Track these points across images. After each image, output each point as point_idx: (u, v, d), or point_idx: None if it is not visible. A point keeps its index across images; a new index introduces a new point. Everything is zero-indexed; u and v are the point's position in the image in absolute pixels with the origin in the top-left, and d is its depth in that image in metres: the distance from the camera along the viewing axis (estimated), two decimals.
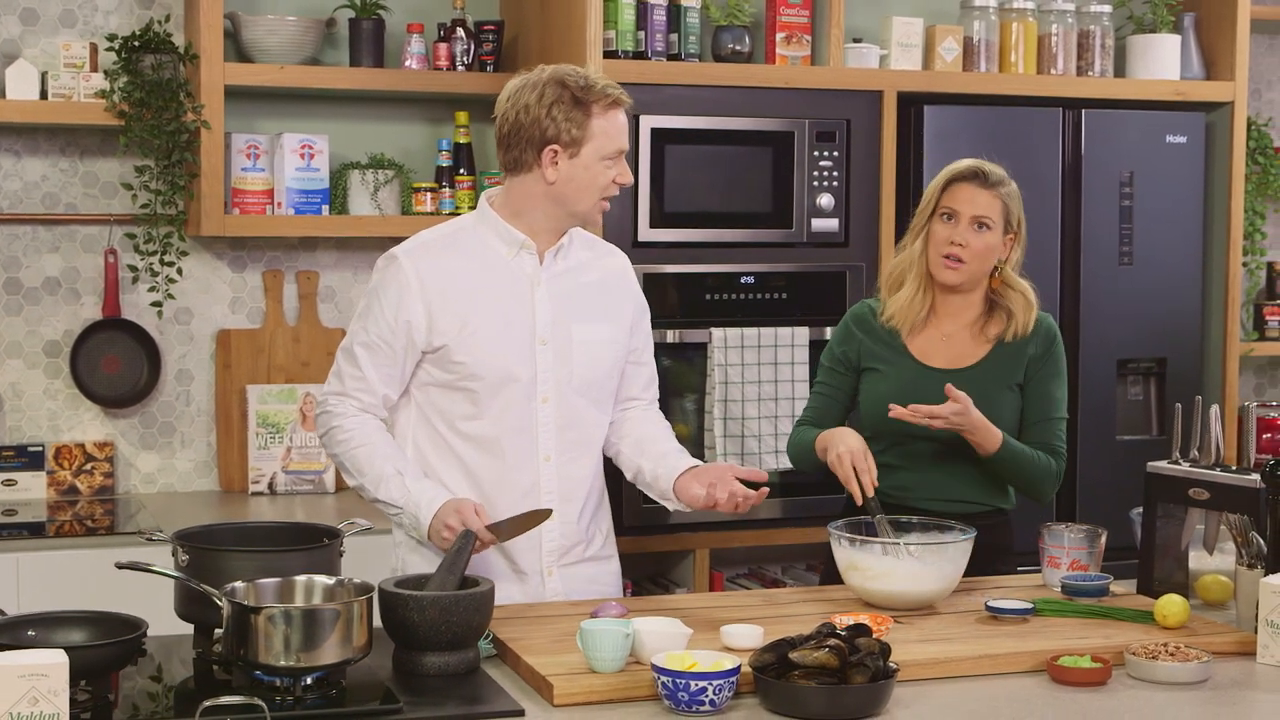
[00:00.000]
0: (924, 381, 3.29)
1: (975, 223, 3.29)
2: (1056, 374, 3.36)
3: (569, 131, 2.97)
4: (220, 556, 2.62)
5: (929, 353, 3.35)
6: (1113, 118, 4.64)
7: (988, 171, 3.34)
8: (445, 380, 3.06)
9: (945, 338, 3.36)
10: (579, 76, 3.00)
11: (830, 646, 2.40)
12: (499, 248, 3.08)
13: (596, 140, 2.99)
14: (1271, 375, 5.52)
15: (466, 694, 2.49)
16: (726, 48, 4.42)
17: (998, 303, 3.37)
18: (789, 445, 3.44)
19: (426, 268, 3.05)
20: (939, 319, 3.37)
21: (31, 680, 2.12)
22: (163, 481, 4.51)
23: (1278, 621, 2.69)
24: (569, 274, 3.12)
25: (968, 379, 3.29)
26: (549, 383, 3.07)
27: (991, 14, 4.64)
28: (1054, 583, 3.14)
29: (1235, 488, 2.95)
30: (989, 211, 3.30)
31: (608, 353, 3.14)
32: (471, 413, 3.06)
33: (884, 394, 3.30)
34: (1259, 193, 5.08)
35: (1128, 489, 4.44)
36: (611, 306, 3.16)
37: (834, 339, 3.46)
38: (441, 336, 3.02)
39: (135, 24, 4.38)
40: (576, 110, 2.97)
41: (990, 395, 3.28)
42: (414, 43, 4.44)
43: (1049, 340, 3.37)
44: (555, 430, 3.09)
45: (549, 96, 2.98)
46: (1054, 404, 3.35)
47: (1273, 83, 5.50)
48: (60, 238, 4.41)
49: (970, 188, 3.31)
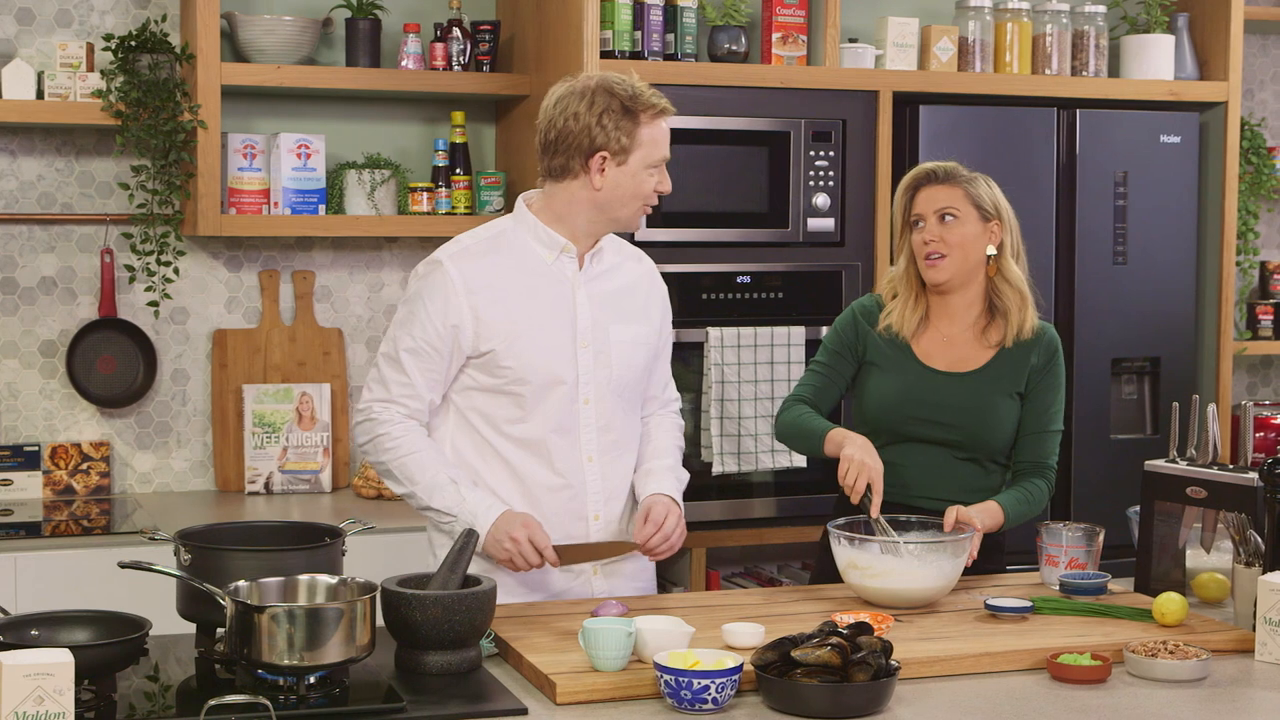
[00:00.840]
0: (927, 383, 3.30)
1: (940, 216, 3.29)
2: (1056, 386, 3.36)
3: (618, 140, 2.99)
4: (223, 556, 2.62)
5: (932, 354, 3.35)
6: (1107, 118, 4.65)
7: (937, 169, 3.34)
8: (490, 384, 3.07)
9: (946, 340, 3.36)
10: (626, 85, 3.01)
11: (832, 645, 2.41)
12: (540, 251, 3.10)
13: (644, 149, 3.01)
14: (1264, 374, 5.54)
15: (469, 693, 2.50)
16: (723, 48, 4.43)
17: (995, 303, 3.37)
18: (781, 419, 3.39)
19: (471, 272, 3.05)
20: (938, 321, 3.37)
21: (37, 680, 2.13)
22: (159, 481, 4.51)
23: (1276, 619, 2.70)
24: (604, 277, 3.14)
25: (971, 383, 3.30)
26: (590, 384, 3.09)
27: (986, 14, 4.66)
28: (1052, 581, 3.15)
29: (1233, 486, 2.96)
30: (949, 202, 3.29)
31: (641, 354, 3.17)
32: (517, 416, 3.07)
33: (887, 393, 3.31)
34: (1252, 192, 5.10)
35: (1122, 487, 4.48)
36: (642, 308, 3.19)
37: (840, 325, 3.44)
38: (489, 341, 3.04)
39: (131, 24, 4.38)
40: (626, 119, 2.99)
41: (992, 401, 3.29)
42: (410, 43, 4.44)
43: (1051, 352, 3.36)
44: (596, 431, 3.11)
45: (599, 105, 2.99)
46: (1052, 417, 3.35)
47: (1265, 82, 5.52)
48: (56, 237, 4.40)
49: (926, 190, 3.33)
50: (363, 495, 4.43)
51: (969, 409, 3.28)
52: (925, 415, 3.28)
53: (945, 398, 3.28)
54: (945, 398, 3.28)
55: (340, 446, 4.56)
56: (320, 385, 4.53)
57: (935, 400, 3.27)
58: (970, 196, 3.31)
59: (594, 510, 3.12)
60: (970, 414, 3.28)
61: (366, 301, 4.66)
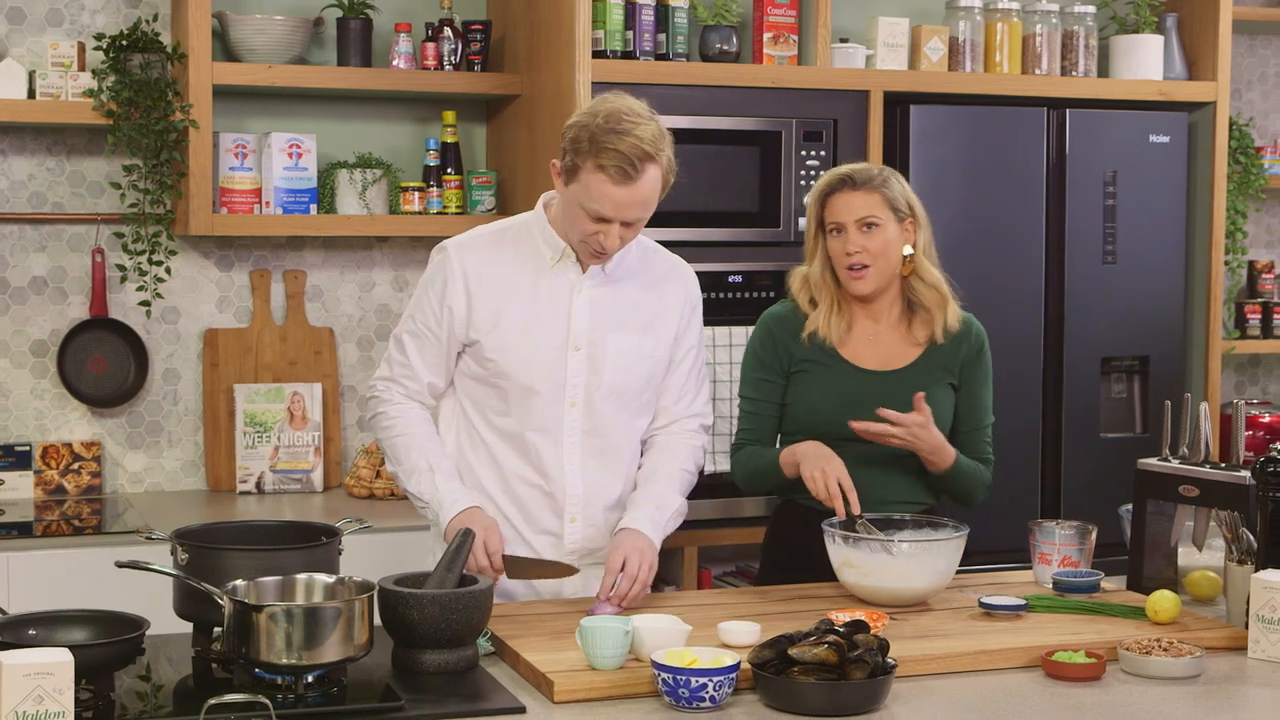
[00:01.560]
0: (859, 384, 3.28)
1: (861, 226, 3.24)
2: (986, 379, 3.37)
3: (571, 160, 2.95)
4: (220, 555, 2.63)
5: (860, 354, 3.32)
6: (1096, 117, 4.67)
7: (855, 174, 3.29)
8: (479, 374, 3.11)
9: (873, 338, 3.33)
10: (612, 123, 2.90)
11: (829, 643, 2.42)
12: (543, 251, 3.10)
13: (581, 188, 2.94)
14: (1252, 373, 5.57)
15: (466, 691, 2.50)
16: (714, 48, 4.44)
17: (914, 300, 3.33)
18: (738, 468, 3.35)
19: (471, 261, 3.09)
20: (862, 321, 3.33)
21: (37, 679, 2.13)
22: (150, 481, 4.50)
23: (1269, 617, 2.72)
24: (615, 283, 3.11)
25: (902, 380, 3.28)
26: (578, 388, 3.08)
27: (976, 14, 4.67)
28: (1045, 579, 3.16)
29: (1226, 484, 2.98)
30: (870, 210, 3.25)
31: (644, 364, 3.13)
32: (502, 408, 3.10)
33: (819, 397, 3.29)
34: (1240, 192, 5.12)
35: (1111, 486, 4.50)
36: (656, 319, 3.14)
37: (756, 347, 3.36)
38: (476, 331, 3.07)
39: (122, 23, 4.38)
40: (585, 147, 2.91)
41: (928, 394, 3.26)
42: (401, 42, 4.44)
43: (979, 345, 3.36)
44: (581, 435, 3.10)
45: (582, 120, 2.95)
46: (984, 410, 3.36)
47: (1252, 83, 5.54)
48: (47, 237, 4.40)
49: (844, 195, 3.27)
50: (354, 494, 4.43)
51: (903, 405, 3.22)
52: (861, 416, 3.21)
53: (880, 397, 3.24)
54: (880, 397, 3.24)
55: (332, 446, 4.56)
56: (311, 385, 4.53)
57: (870, 400, 3.23)
58: (887, 201, 3.26)
59: (571, 512, 3.12)
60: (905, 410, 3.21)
61: (357, 301, 4.66)
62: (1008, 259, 4.59)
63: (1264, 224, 5.58)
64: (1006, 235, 4.59)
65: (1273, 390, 5.58)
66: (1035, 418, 4.63)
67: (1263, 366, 5.58)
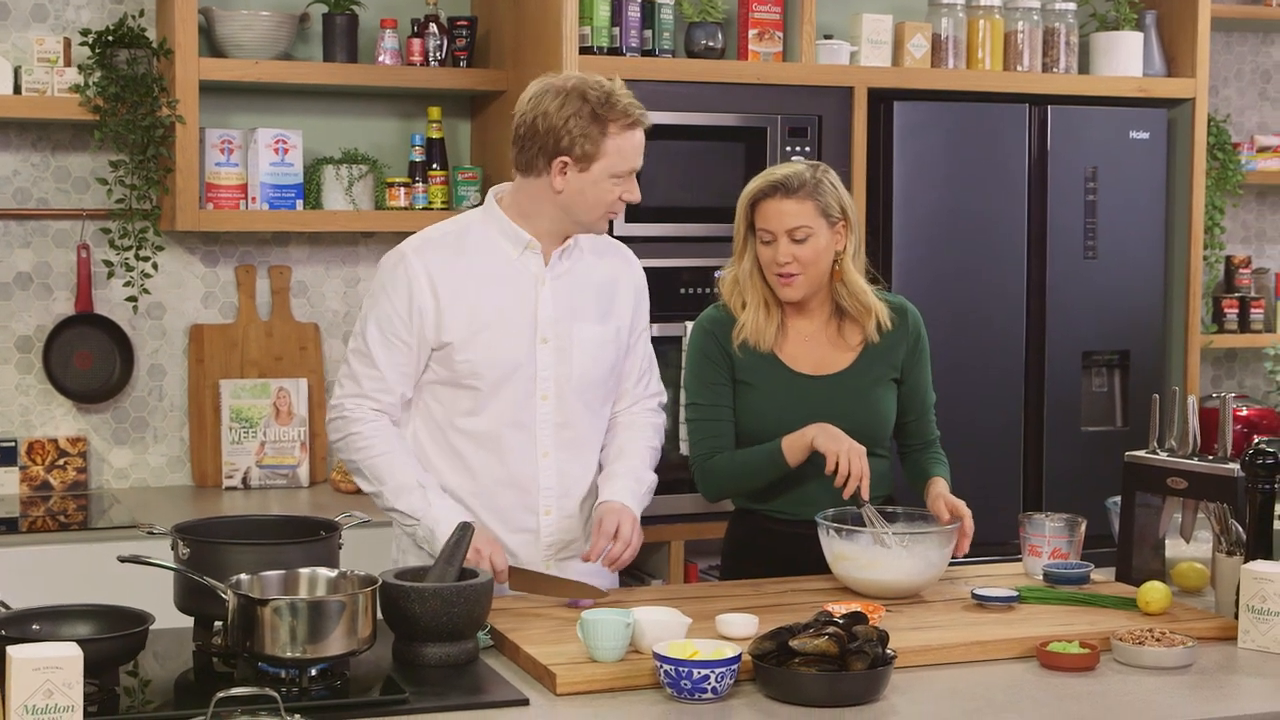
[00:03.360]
0: (799, 389, 3.26)
1: (792, 236, 3.21)
2: (925, 363, 3.36)
3: (582, 146, 2.96)
4: (222, 550, 2.63)
5: (798, 358, 3.30)
6: (1078, 114, 4.70)
7: (790, 180, 3.21)
8: (447, 377, 3.08)
9: (807, 340, 3.31)
10: (601, 90, 2.97)
11: (830, 634, 2.44)
12: (505, 247, 3.10)
13: (609, 158, 2.98)
14: (1228, 367, 5.62)
15: (468, 684, 2.52)
16: (700, 44, 4.46)
17: (841, 305, 3.31)
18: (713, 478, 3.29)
19: (434, 263, 3.06)
20: (794, 323, 3.32)
21: (46, 673, 2.13)
22: (135, 477, 4.50)
23: (1259, 607, 2.75)
24: (573, 274, 3.13)
25: (841, 384, 3.28)
26: (549, 380, 3.10)
27: (959, 11, 4.70)
28: (1035, 571, 3.19)
29: (1214, 477, 3.01)
30: (801, 220, 3.19)
31: (608, 353, 3.16)
32: (471, 409, 3.09)
33: (762, 407, 3.27)
34: (1218, 187, 5.16)
35: (1093, 478, 4.55)
36: (613, 305, 3.18)
37: (700, 352, 3.32)
38: (448, 333, 3.05)
39: (107, 18, 4.37)
40: (594, 126, 2.95)
41: (868, 394, 3.28)
42: (387, 38, 4.45)
43: (916, 333, 3.34)
44: (554, 427, 3.11)
45: (569, 108, 2.96)
46: (927, 393, 3.37)
47: (1228, 79, 5.59)
48: (32, 233, 4.39)
49: (775, 202, 3.21)
50: (341, 490, 4.43)
51: (850, 406, 3.25)
52: (809, 420, 3.19)
53: (822, 401, 3.24)
54: (822, 401, 3.24)
55: (318, 441, 4.57)
56: (297, 380, 4.54)
57: (813, 405, 3.23)
58: (820, 208, 3.21)
59: (545, 505, 3.13)
60: (850, 412, 3.24)
61: (342, 296, 4.67)
62: (990, 254, 4.62)
63: (1240, 219, 5.63)
64: (989, 231, 4.62)
65: (1248, 384, 5.63)
66: (1017, 411, 4.67)
67: (1238, 360, 5.63)
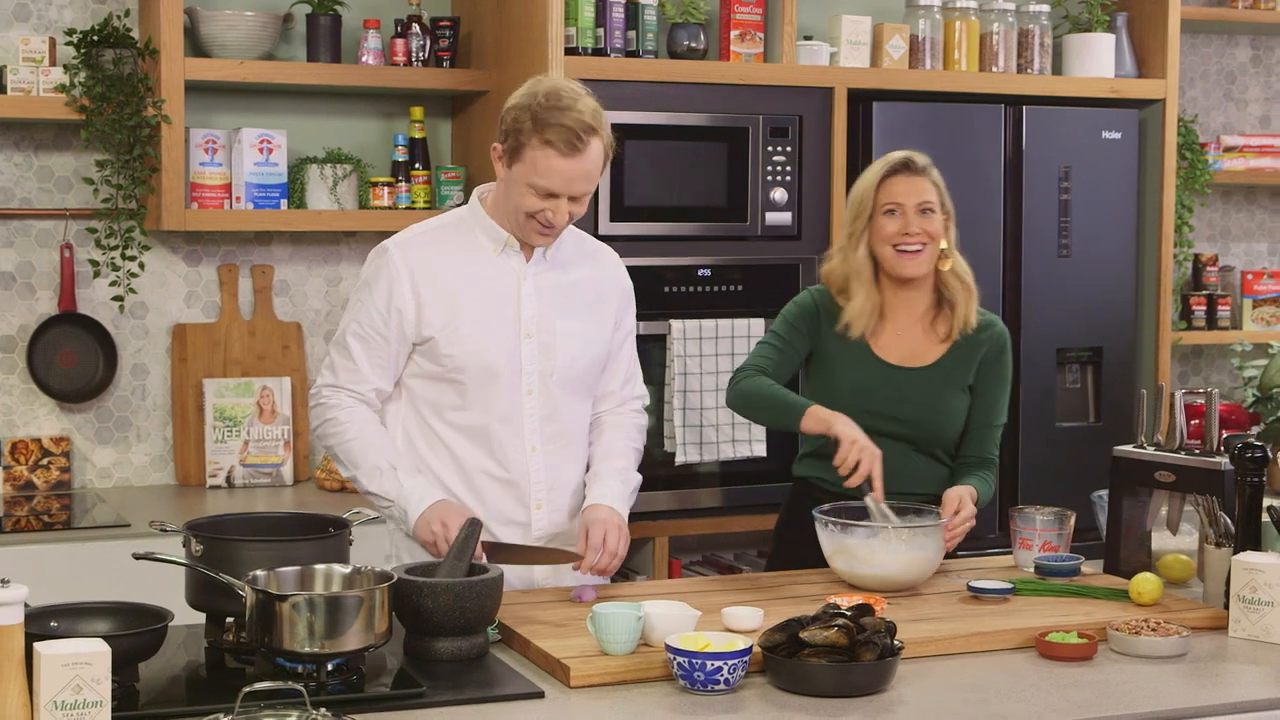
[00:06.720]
0: (884, 377, 3.36)
1: (920, 209, 3.34)
2: (1003, 381, 3.44)
3: (515, 138, 2.98)
4: (235, 547, 2.65)
5: (887, 349, 3.39)
6: (1051, 114, 4.77)
7: (917, 158, 3.39)
8: (433, 372, 3.11)
9: (900, 333, 3.41)
10: (558, 105, 2.95)
11: (839, 625, 2.49)
12: (486, 244, 3.14)
13: (526, 165, 2.98)
14: (1194, 363, 5.71)
15: (481, 678, 2.54)
16: (682, 44, 4.50)
17: (943, 294, 3.42)
18: (741, 387, 3.36)
19: (416, 260, 3.10)
20: (892, 315, 3.41)
21: (76, 669, 2.15)
22: (119, 476, 4.50)
23: (1249, 597, 2.82)
24: (556, 270, 3.17)
25: (924, 377, 3.37)
26: (533, 375, 3.13)
27: (936, 13, 4.76)
28: (1026, 564, 3.25)
29: (1202, 470, 3.08)
30: (929, 196, 3.36)
31: (590, 349, 3.19)
32: (459, 403, 3.12)
33: (844, 387, 3.36)
34: (1186, 187, 5.24)
35: (1068, 473, 4.62)
36: (596, 303, 3.21)
37: (802, 304, 3.44)
38: (430, 328, 3.08)
39: (91, 18, 4.37)
40: (528, 124, 2.95)
41: (945, 395, 3.36)
42: (370, 38, 4.47)
43: (1000, 346, 3.43)
44: (540, 421, 3.15)
45: (523, 99, 3.00)
46: (997, 411, 3.43)
47: (1195, 80, 5.68)
48: (15, 232, 4.38)
49: (905, 178, 3.36)
50: (325, 488, 4.45)
51: (924, 403, 3.35)
52: (882, 410, 3.33)
53: (902, 392, 3.34)
54: (902, 392, 3.34)
55: (301, 440, 4.58)
56: (280, 379, 4.55)
57: (892, 395, 3.33)
58: (939, 192, 3.39)
59: (536, 499, 3.17)
60: (925, 408, 3.35)
61: (325, 295, 4.68)
62: (966, 252, 4.62)
63: (1206, 218, 5.72)
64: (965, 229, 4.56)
65: (1214, 379, 5.73)
66: None
67: (1205, 357, 5.72)
